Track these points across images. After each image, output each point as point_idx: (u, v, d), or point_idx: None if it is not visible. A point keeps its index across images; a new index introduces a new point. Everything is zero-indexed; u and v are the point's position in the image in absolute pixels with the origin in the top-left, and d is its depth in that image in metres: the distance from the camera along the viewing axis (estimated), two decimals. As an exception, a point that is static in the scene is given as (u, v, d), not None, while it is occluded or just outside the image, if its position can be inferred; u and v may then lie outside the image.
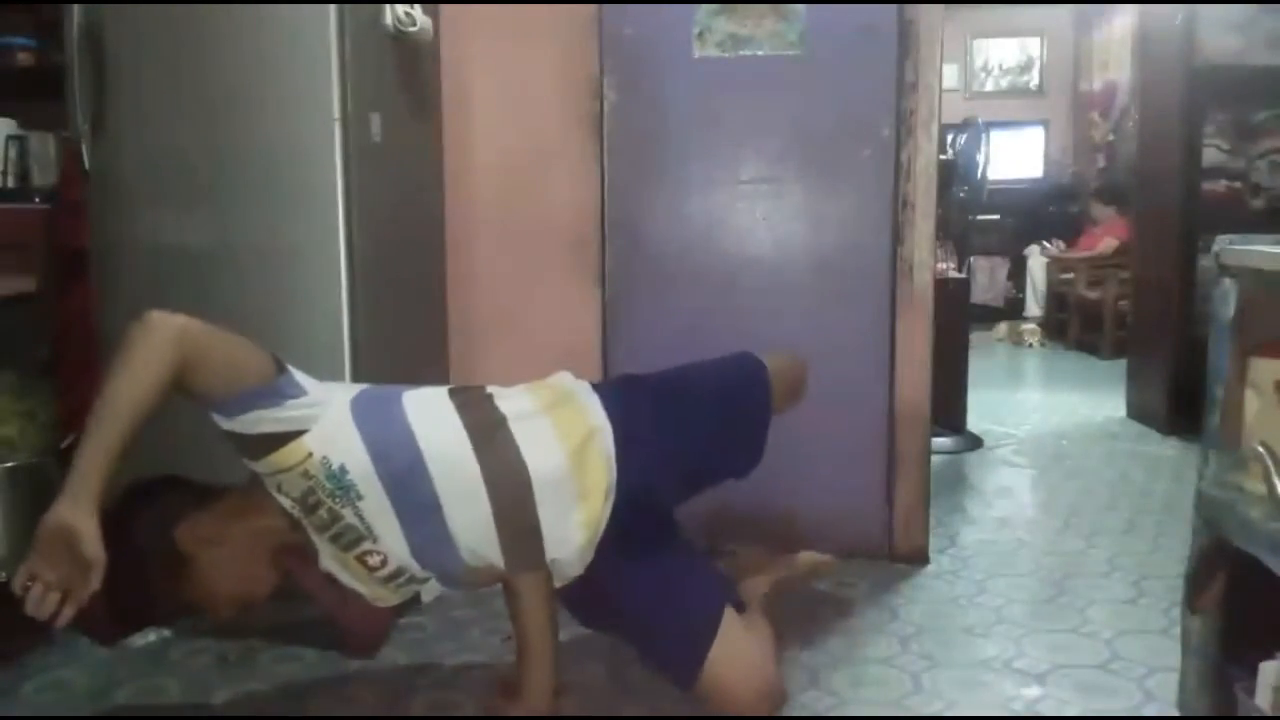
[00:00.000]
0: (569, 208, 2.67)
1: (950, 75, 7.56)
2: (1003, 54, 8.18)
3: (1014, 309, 7.37)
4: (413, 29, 2.28)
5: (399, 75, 2.35)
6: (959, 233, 4.29)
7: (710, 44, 2.51)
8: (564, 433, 1.61)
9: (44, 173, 2.83)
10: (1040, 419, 4.47)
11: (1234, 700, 1.52)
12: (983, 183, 4.45)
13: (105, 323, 2.23)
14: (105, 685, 1.96)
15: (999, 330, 7.01)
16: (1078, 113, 8.00)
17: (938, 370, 2.60)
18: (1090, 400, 4.85)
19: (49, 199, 2.59)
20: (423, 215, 2.58)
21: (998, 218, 7.14)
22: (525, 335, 2.72)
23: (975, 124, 4.40)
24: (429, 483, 1.51)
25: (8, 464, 2.09)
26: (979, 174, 4.35)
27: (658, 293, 2.61)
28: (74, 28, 2.16)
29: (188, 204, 2.18)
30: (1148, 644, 2.08)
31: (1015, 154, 7.72)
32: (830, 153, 2.52)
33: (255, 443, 1.42)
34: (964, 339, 3.96)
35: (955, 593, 2.41)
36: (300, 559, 1.57)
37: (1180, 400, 3.93)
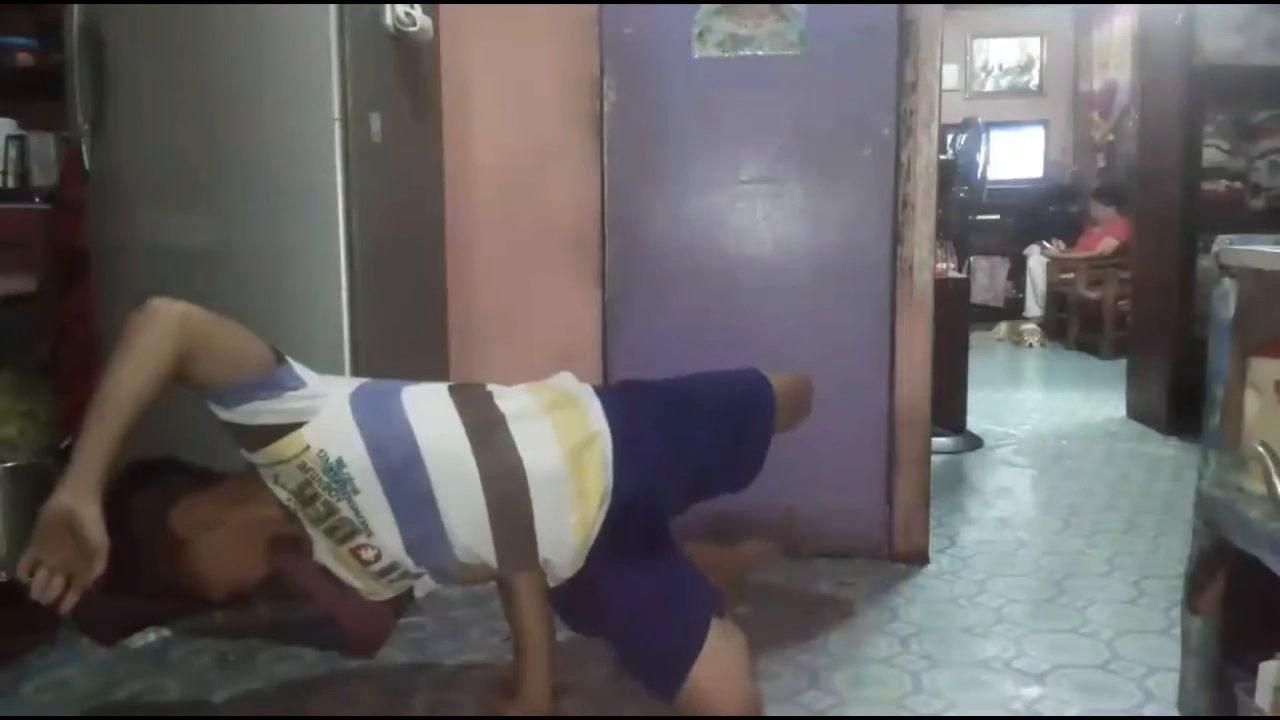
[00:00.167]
0: (569, 208, 2.67)
1: (950, 75, 7.56)
2: (1003, 54, 8.18)
3: (1014, 309, 7.38)
4: (413, 29, 2.28)
5: (399, 75, 2.36)
6: (959, 233, 4.30)
7: (710, 44, 2.51)
8: (563, 434, 1.61)
9: (44, 173, 2.84)
10: (1040, 419, 4.47)
11: (1234, 700, 1.52)
12: (983, 183, 4.46)
13: (105, 323, 2.22)
14: (105, 685, 1.96)
15: (999, 330, 7.02)
16: (1078, 113, 8.00)
17: (938, 370, 2.60)
18: (1090, 400, 4.85)
19: (49, 199, 2.60)
20: (423, 215, 2.58)
21: (998, 218, 7.15)
22: (525, 335, 2.72)
23: (975, 124, 4.41)
24: (425, 478, 1.51)
25: (8, 464, 2.09)
26: (979, 174, 4.36)
27: (658, 293, 2.61)
28: (74, 28, 2.16)
29: (188, 204, 2.18)
30: (1148, 644, 2.08)
31: (1015, 154, 7.72)
32: (830, 153, 2.52)
33: (254, 434, 1.43)
34: (964, 339, 3.96)
35: (955, 593, 2.41)
36: (297, 557, 1.57)
37: (1180, 400, 3.93)
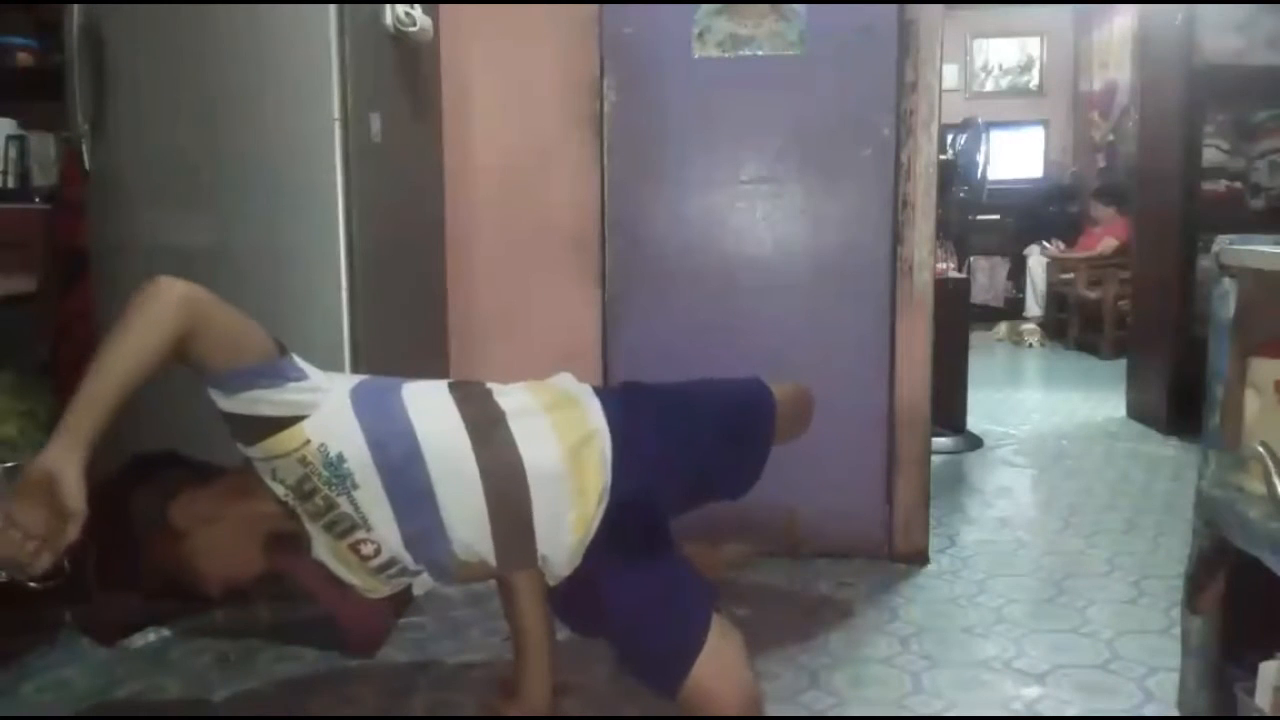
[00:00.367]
0: (569, 208, 2.67)
1: (950, 75, 7.56)
2: (1003, 54, 8.18)
3: (1014, 309, 7.38)
4: (413, 29, 2.28)
5: (399, 75, 2.36)
6: (959, 233, 4.30)
7: (710, 44, 2.51)
8: (562, 432, 1.61)
9: (44, 173, 2.84)
10: (1040, 419, 4.47)
11: (1234, 700, 1.52)
12: (983, 183, 4.46)
13: (105, 323, 2.22)
14: (105, 685, 1.96)
15: (999, 330, 7.01)
16: (1078, 113, 8.00)
17: (938, 370, 2.60)
18: (1090, 400, 4.85)
19: (49, 199, 2.60)
20: (423, 215, 2.58)
21: (998, 218, 7.15)
22: (525, 335, 2.72)
23: (975, 124, 4.41)
24: (425, 474, 1.51)
25: (8, 464, 2.09)
26: (979, 174, 4.36)
27: (658, 292, 2.61)
28: (74, 28, 2.15)
29: (188, 204, 2.18)
30: (1148, 644, 2.08)
31: (1015, 154, 7.72)
32: (830, 152, 2.52)
33: (253, 425, 1.42)
34: (964, 339, 3.96)
35: (955, 593, 2.41)
36: (296, 556, 1.56)
37: (1180, 400, 3.93)
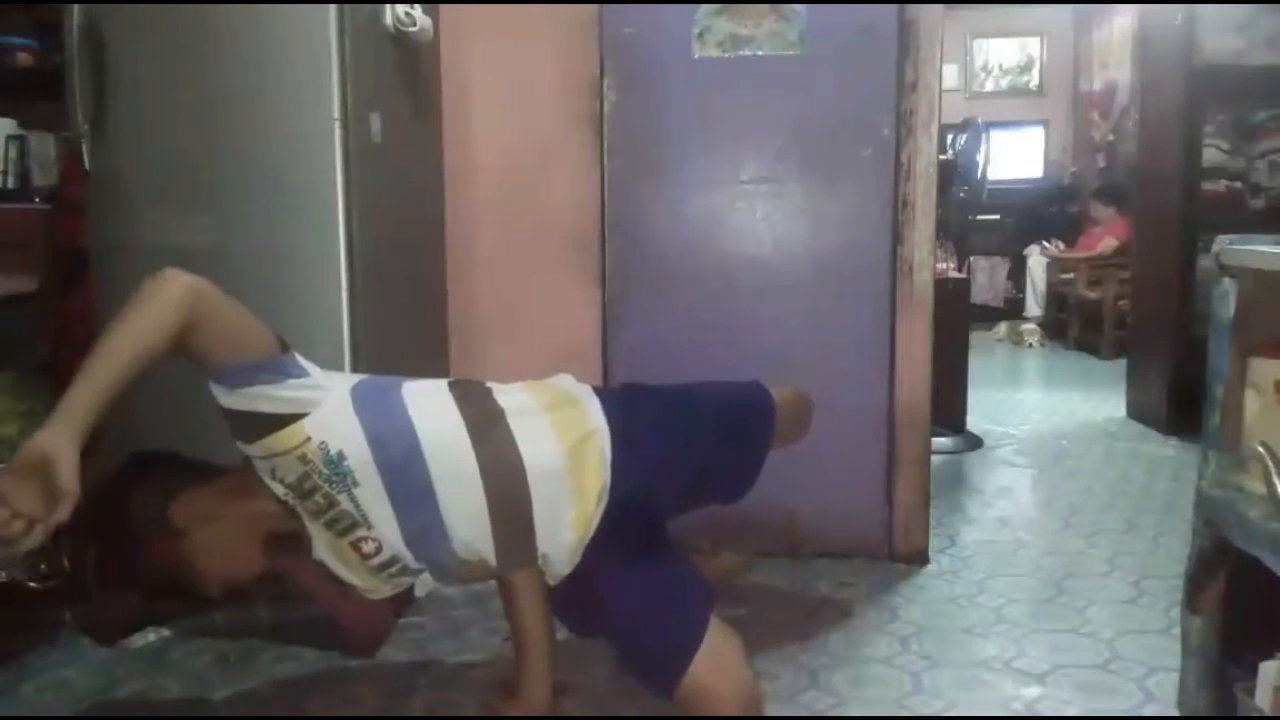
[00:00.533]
0: (569, 207, 2.67)
1: (950, 75, 7.56)
2: (1003, 54, 8.18)
3: (1014, 309, 7.38)
4: (413, 29, 2.28)
5: (399, 75, 2.35)
6: (959, 233, 4.30)
7: (710, 44, 2.51)
8: (561, 431, 1.61)
9: (44, 173, 2.84)
10: (1040, 419, 4.47)
11: (1234, 700, 1.52)
12: (983, 183, 4.46)
13: (105, 323, 2.22)
14: (105, 685, 1.96)
15: (999, 330, 7.01)
16: (1078, 113, 8.00)
17: (938, 370, 2.60)
18: (1090, 400, 4.85)
19: (49, 199, 2.60)
20: (423, 215, 2.58)
21: (998, 218, 7.15)
22: (525, 335, 2.72)
23: (975, 124, 4.41)
24: (425, 472, 1.51)
25: (7, 464, 2.09)
26: (979, 174, 4.36)
27: (658, 292, 2.60)
28: (74, 28, 2.15)
29: (188, 204, 2.18)
30: (1148, 644, 2.08)
31: (1015, 154, 7.72)
32: (830, 153, 2.52)
33: (254, 422, 1.42)
34: (964, 339, 3.96)
35: (955, 593, 2.41)
36: (297, 557, 1.57)
37: (1180, 400, 3.93)
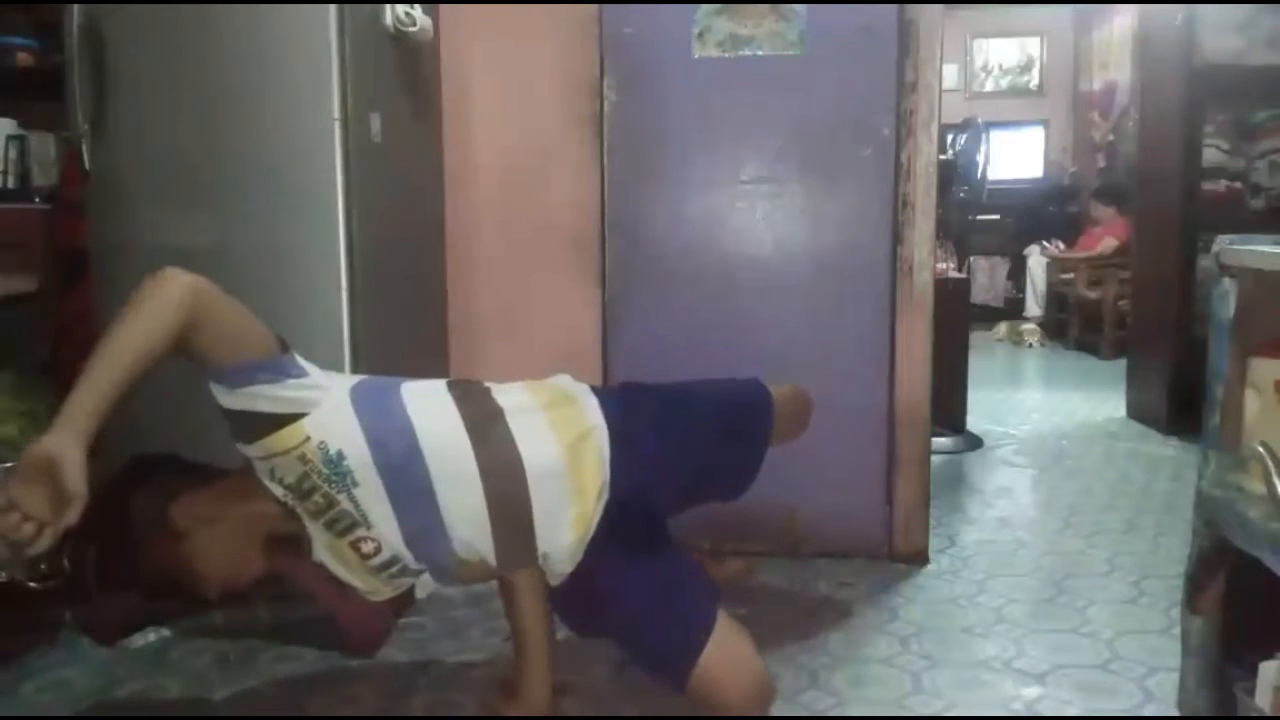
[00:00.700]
0: (569, 207, 2.67)
1: (950, 75, 7.56)
2: (1003, 54, 8.18)
3: (1014, 309, 7.38)
4: (413, 29, 2.28)
5: (399, 75, 2.35)
6: (959, 233, 4.30)
7: (710, 44, 2.51)
8: (560, 429, 1.61)
9: (44, 173, 2.85)
10: (1040, 419, 4.47)
11: (1234, 700, 1.52)
12: (983, 183, 4.46)
13: (105, 323, 2.22)
14: (105, 685, 1.96)
15: (999, 330, 7.01)
16: (1078, 113, 8.00)
17: (938, 370, 2.60)
18: (1090, 400, 4.85)
19: (49, 199, 2.60)
20: (423, 215, 2.58)
21: (998, 218, 7.14)
22: (525, 335, 2.72)
23: (975, 124, 4.41)
24: (424, 472, 1.51)
25: (7, 464, 2.09)
26: (979, 174, 4.36)
27: (658, 292, 2.60)
28: (74, 28, 2.15)
29: (188, 204, 2.18)
30: (1148, 644, 2.08)
31: (1015, 154, 7.72)
32: (830, 152, 2.52)
33: (253, 422, 1.43)
34: (964, 339, 3.96)
35: (955, 593, 2.41)
36: (295, 557, 1.57)
37: (1180, 400, 3.93)
